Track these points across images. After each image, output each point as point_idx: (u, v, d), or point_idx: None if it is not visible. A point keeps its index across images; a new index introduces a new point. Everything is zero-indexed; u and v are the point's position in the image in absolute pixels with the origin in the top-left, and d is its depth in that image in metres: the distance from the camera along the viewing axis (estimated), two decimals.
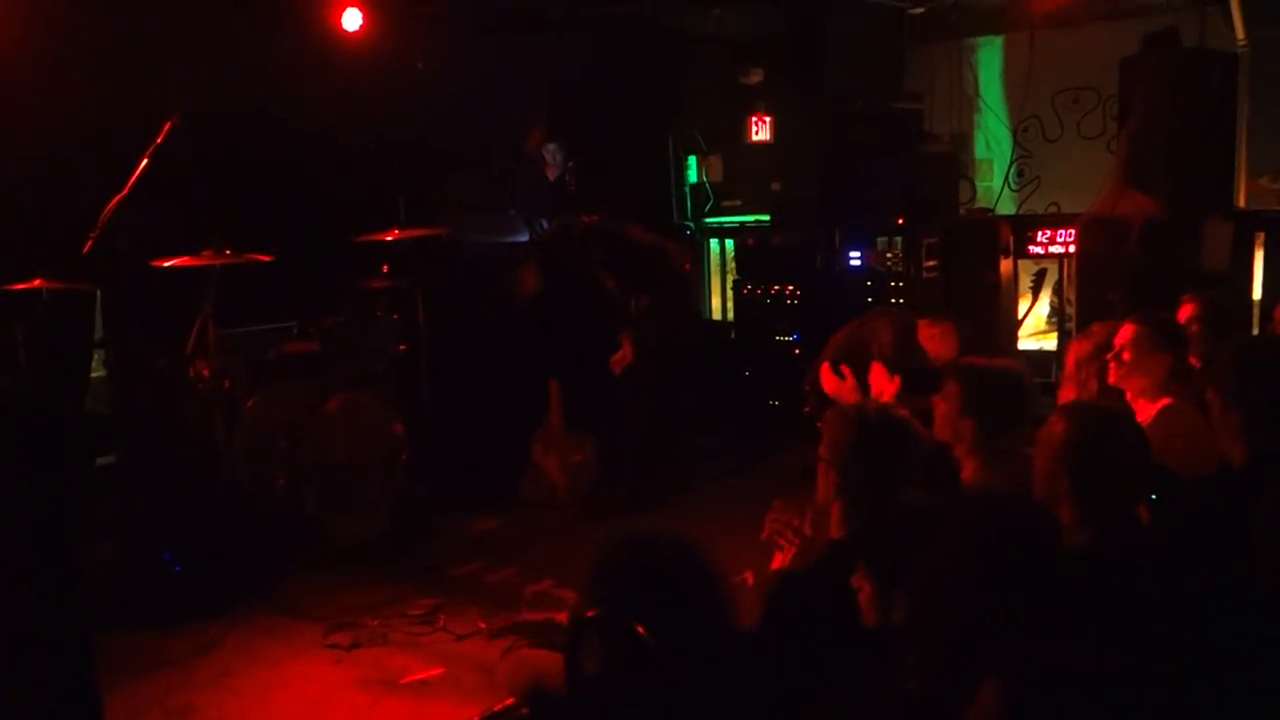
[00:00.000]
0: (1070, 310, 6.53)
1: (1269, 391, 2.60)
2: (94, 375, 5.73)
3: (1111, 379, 3.77)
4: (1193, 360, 3.89)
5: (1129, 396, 3.74)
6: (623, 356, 5.80)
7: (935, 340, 4.83)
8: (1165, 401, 3.64)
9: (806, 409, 5.04)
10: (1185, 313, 4.30)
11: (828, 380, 4.61)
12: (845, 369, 4.60)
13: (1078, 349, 4.00)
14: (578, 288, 6.00)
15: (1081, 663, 1.46)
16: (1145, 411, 3.63)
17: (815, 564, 2.65)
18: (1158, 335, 3.71)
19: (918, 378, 4.50)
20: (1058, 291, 6.86)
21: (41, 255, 4.79)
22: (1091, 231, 6.21)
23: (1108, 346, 3.80)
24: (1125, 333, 3.78)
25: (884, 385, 4.45)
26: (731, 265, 7.81)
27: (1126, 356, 3.74)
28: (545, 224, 6.94)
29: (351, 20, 6.18)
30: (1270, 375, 2.63)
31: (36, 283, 4.72)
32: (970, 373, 3.35)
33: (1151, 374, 3.69)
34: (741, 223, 7.68)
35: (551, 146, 6.43)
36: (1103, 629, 1.98)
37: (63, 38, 5.07)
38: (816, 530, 2.88)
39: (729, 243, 7.90)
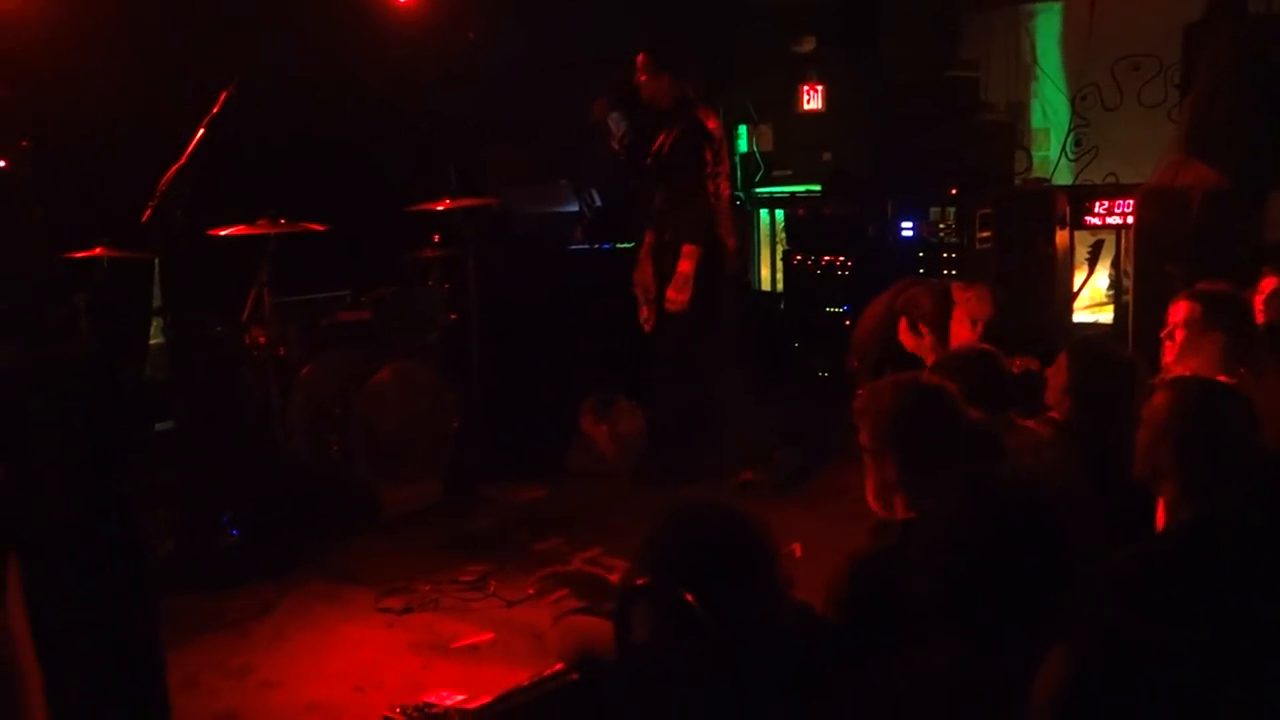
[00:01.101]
0: (1128, 283, 6.42)
1: None
2: (152, 343, 5.84)
3: (1167, 359, 3.66)
4: None
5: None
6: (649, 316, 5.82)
7: (972, 303, 4.77)
8: (1226, 381, 3.55)
9: (853, 363, 5.02)
10: (1267, 285, 4.19)
11: (906, 337, 4.56)
12: (923, 327, 4.57)
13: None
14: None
15: (1156, 636, 1.44)
16: None
17: (888, 547, 2.52)
18: (1210, 312, 3.57)
19: None
20: (1115, 264, 6.75)
21: (101, 224, 4.88)
22: (1151, 202, 6.09)
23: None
24: (1178, 310, 3.65)
25: (966, 334, 4.42)
26: (782, 236, 7.76)
27: (1179, 335, 3.61)
28: (596, 194, 6.94)
29: None
30: None
31: (97, 251, 4.81)
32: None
33: (1205, 353, 3.56)
34: (792, 193, 7.61)
35: (616, 115, 6.42)
36: (1196, 606, 1.95)
37: (119, 9, 5.13)
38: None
39: (779, 213, 7.84)
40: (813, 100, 7.49)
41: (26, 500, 2.68)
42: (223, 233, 4.95)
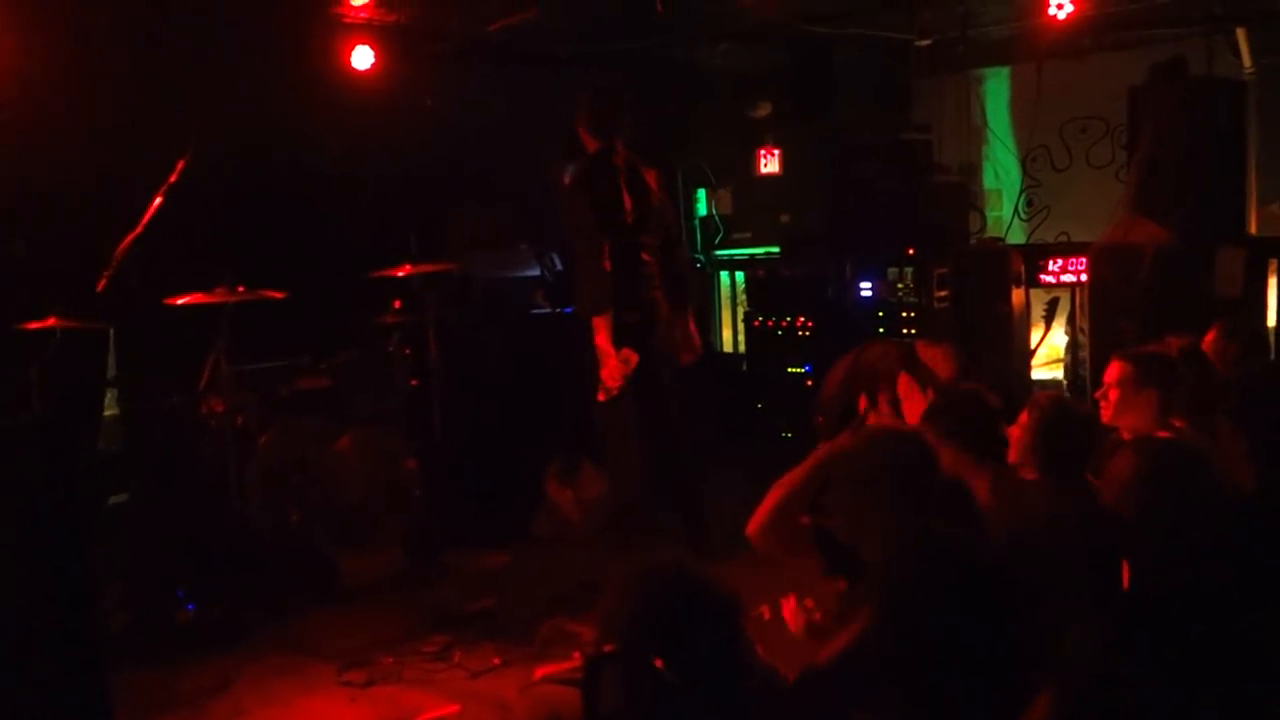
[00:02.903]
0: (1083, 339, 6.51)
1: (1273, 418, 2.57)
2: (107, 414, 5.74)
3: (1105, 417, 3.70)
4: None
5: (1123, 434, 3.68)
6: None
7: (935, 362, 4.81)
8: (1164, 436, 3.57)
9: (819, 420, 5.00)
10: (1209, 336, 4.28)
11: (863, 410, 4.54)
12: (881, 398, 4.57)
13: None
14: None
15: (1137, 674, 1.45)
16: None
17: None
18: (1142, 371, 3.65)
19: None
20: (1070, 320, 6.85)
21: (55, 294, 4.82)
22: (1103, 260, 6.21)
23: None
24: (1112, 371, 3.73)
25: (918, 402, 4.43)
26: (742, 298, 7.82)
27: (1113, 395, 3.68)
28: (557, 258, 6.95)
29: (362, 59, 6.23)
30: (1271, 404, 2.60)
31: (50, 321, 4.74)
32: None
33: (1140, 410, 3.63)
34: (751, 255, 7.70)
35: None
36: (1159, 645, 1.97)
37: (76, 77, 5.12)
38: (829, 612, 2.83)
39: (739, 275, 7.91)
40: (769, 164, 7.60)
41: None
42: (179, 301, 4.90)
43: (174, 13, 5.51)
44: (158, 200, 4.75)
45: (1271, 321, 6.16)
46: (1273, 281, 6.23)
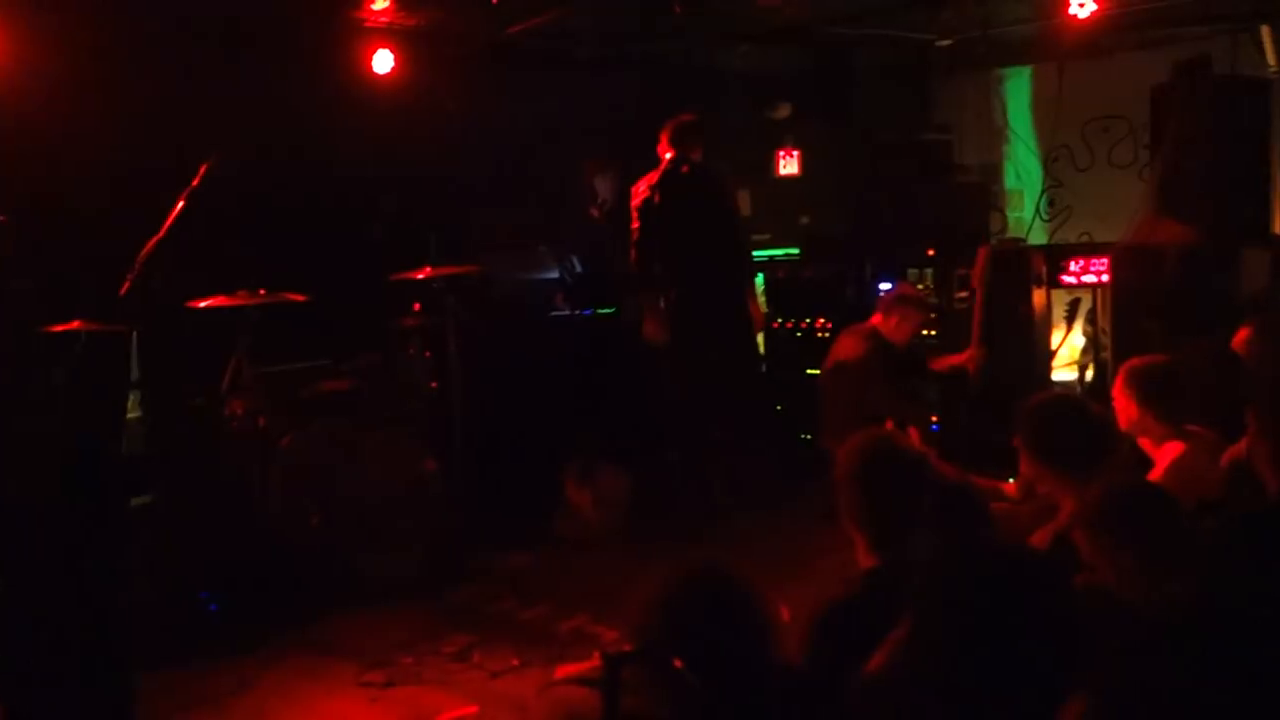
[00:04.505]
0: (1105, 340, 6.47)
1: None
2: (130, 416, 5.78)
3: (1121, 425, 3.72)
4: None
5: (1139, 442, 3.67)
6: None
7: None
8: (1178, 447, 3.55)
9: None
10: (1241, 335, 4.26)
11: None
12: None
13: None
14: None
15: (1171, 684, 1.43)
16: (1163, 458, 3.56)
17: (854, 592, 2.62)
18: (1130, 385, 3.66)
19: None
20: (1092, 321, 6.80)
21: (79, 297, 4.85)
22: (1126, 260, 6.16)
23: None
24: (1116, 382, 3.76)
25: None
26: (762, 299, 7.80)
27: (1117, 406, 3.71)
28: (577, 260, 6.96)
29: (383, 62, 6.27)
30: None
31: (74, 325, 4.77)
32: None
33: (1140, 423, 3.64)
34: (771, 256, 7.67)
35: (601, 178, 6.58)
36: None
37: (100, 82, 5.16)
38: None
39: (759, 276, 7.89)
40: (789, 165, 7.58)
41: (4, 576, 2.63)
42: (202, 304, 4.93)
43: (198, 20, 5.54)
44: (180, 204, 4.78)
45: None
46: None
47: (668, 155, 6.16)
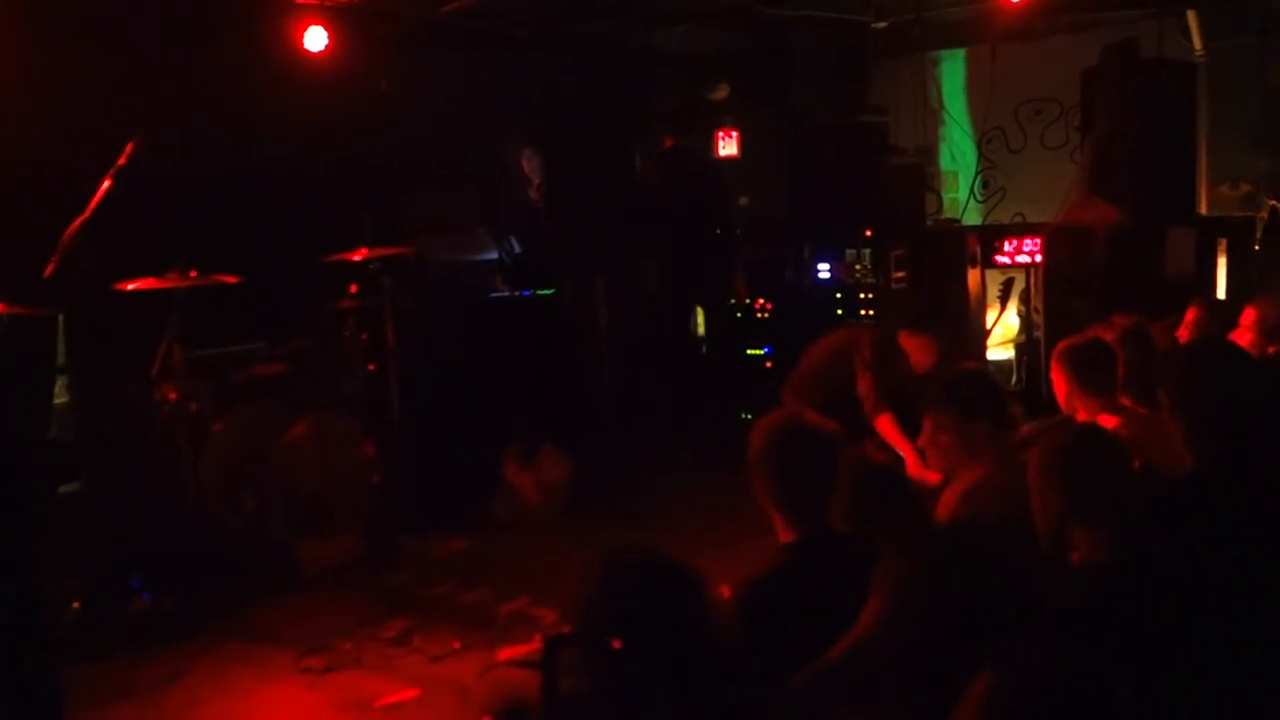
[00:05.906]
0: (1038, 319, 6.58)
1: (1208, 403, 2.56)
2: (57, 401, 5.65)
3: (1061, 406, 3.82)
4: None
5: (1078, 417, 3.76)
6: None
7: (916, 351, 4.86)
8: (1112, 422, 3.62)
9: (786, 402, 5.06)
10: (1190, 315, 4.39)
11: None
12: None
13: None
14: None
15: (1076, 666, 1.45)
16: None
17: (774, 567, 2.68)
18: (1062, 363, 3.75)
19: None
20: (1025, 300, 6.92)
21: (1, 279, 4.72)
22: (1057, 240, 6.27)
23: None
24: (1053, 365, 3.85)
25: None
26: None
27: (1055, 385, 3.81)
28: (515, 241, 6.92)
29: (315, 40, 6.14)
30: (1210, 386, 2.59)
31: None
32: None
33: (1073, 400, 3.72)
34: None
35: (529, 155, 6.51)
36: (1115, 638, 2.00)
37: (23, 61, 5.01)
38: None
39: None
40: (728, 146, 7.60)
41: None
42: (130, 286, 4.82)
43: None
44: (106, 184, 4.66)
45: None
46: (1222, 261, 6.33)
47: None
